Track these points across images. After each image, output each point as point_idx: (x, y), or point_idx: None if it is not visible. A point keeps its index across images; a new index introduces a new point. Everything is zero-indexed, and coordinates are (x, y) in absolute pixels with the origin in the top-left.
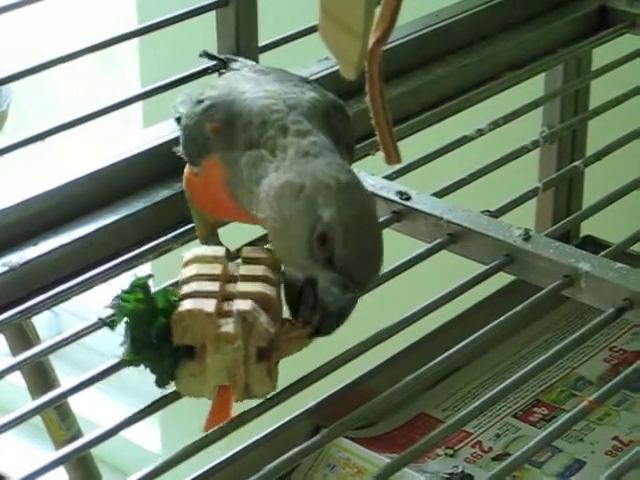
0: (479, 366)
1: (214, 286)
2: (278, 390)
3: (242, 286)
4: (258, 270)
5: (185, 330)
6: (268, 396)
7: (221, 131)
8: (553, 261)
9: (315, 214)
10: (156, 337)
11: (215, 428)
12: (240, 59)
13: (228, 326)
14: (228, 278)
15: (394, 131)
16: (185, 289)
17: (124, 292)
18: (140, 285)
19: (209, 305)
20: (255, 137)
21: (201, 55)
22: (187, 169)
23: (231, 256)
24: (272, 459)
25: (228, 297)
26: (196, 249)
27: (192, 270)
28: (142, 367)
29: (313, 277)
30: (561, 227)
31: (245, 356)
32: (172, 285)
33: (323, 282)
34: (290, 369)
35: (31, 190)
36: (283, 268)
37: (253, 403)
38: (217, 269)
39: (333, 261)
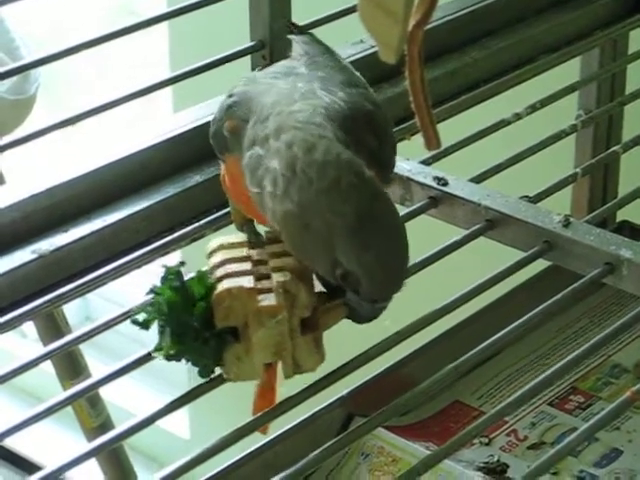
0: (514, 353)
1: (247, 266)
2: (317, 378)
3: (274, 262)
4: (283, 246)
5: (227, 311)
6: (306, 385)
7: (237, 131)
8: (594, 248)
9: (332, 255)
10: (198, 324)
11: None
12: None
13: (270, 299)
14: (257, 258)
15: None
16: (219, 272)
17: (157, 286)
18: (174, 273)
19: (247, 282)
20: (259, 136)
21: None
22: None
23: (261, 242)
24: (305, 447)
25: (262, 276)
26: (218, 239)
27: (220, 256)
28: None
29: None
30: (599, 214)
31: (289, 329)
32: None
33: (351, 297)
34: (328, 358)
35: (61, 176)
36: None
37: (290, 392)
38: (244, 252)
39: (359, 293)
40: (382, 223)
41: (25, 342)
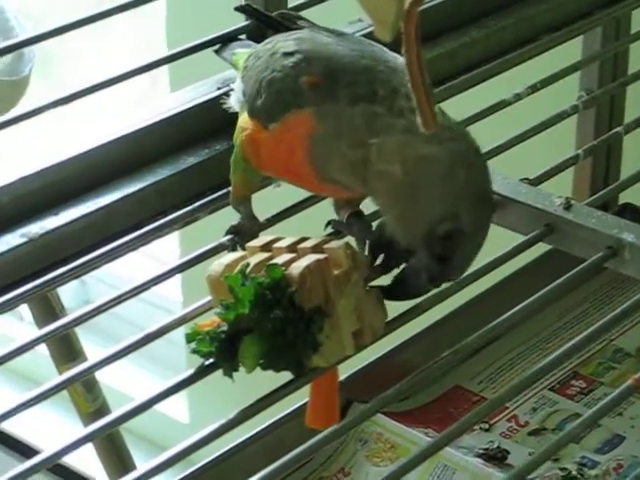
0: (515, 337)
1: (290, 254)
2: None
3: (308, 244)
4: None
5: (310, 291)
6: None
7: (319, 85)
8: (595, 231)
9: (453, 207)
10: (291, 314)
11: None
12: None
13: (340, 266)
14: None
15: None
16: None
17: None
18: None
19: (314, 257)
20: (361, 93)
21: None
22: (250, 124)
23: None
24: (305, 432)
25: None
26: (217, 264)
27: (257, 258)
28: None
29: (411, 250)
30: (601, 197)
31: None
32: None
33: (417, 263)
34: None
35: (52, 157)
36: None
37: (285, 379)
38: (266, 253)
39: (444, 258)
40: (489, 221)
41: (22, 325)
